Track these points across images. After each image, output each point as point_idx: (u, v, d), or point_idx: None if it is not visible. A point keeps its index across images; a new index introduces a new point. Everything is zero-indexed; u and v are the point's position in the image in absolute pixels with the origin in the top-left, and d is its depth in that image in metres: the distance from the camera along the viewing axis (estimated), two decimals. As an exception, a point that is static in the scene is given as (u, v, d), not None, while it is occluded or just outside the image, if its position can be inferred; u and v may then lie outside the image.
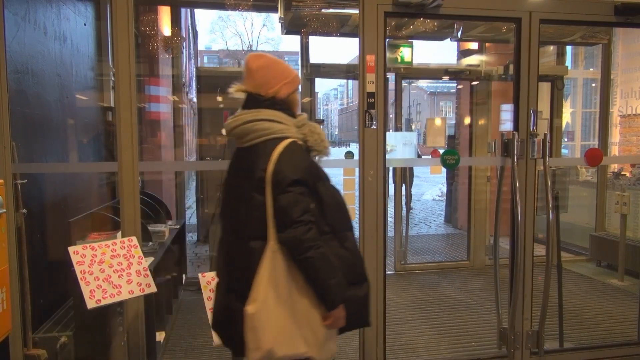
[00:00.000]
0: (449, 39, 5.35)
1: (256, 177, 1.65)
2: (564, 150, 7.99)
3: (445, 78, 6.23)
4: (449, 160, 2.99)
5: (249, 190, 1.67)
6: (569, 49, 7.25)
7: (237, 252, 1.71)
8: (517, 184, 2.85)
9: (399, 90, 5.63)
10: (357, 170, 2.84)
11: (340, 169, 3.08)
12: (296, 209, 1.60)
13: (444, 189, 10.01)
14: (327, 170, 1.82)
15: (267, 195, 1.64)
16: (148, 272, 2.25)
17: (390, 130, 5.63)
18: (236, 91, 1.81)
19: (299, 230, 1.59)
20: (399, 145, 5.37)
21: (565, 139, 8.31)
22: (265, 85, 1.76)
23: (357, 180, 2.91)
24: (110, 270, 2.15)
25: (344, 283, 1.68)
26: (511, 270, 3.01)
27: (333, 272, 1.64)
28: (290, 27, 4.79)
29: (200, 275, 2.22)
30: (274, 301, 1.62)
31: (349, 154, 5.01)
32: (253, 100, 1.76)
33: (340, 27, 4.78)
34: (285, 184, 1.61)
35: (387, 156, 2.82)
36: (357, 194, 2.95)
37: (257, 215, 1.65)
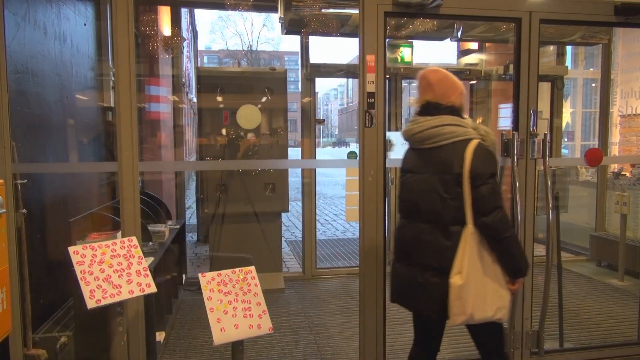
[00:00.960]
0: (449, 39, 5.35)
1: (454, 172, 1.98)
2: (564, 150, 7.99)
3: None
4: None
5: (447, 184, 2.00)
6: (569, 49, 7.25)
7: (435, 236, 2.04)
8: (517, 184, 2.85)
9: (398, 90, 5.63)
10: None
11: (339, 169, 3.09)
12: (496, 196, 1.98)
13: (444, 189, 10.01)
14: (328, 171, 1.85)
15: (465, 187, 1.97)
16: (148, 272, 2.24)
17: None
18: (420, 103, 2.13)
19: (500, 214, 1.97)
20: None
21: (565, 139, 8.32)
22: (443, 95, 2.08)
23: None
24: (110, 270, 2.15)
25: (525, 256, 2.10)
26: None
27: (520, 247, 2.09)
28: (290, 27, 4.78)
29: (200, 275, 2.21)
30: (474, 274, 1.98)
31: (352, 154, 5.02)
32: (433, 108, 2.08)
33: (340, 27, 4.77)
34: (486, 177, 1.97)
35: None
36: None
37: (456, 205, 1.99)
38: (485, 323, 2.07)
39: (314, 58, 5.12)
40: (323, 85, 62.44)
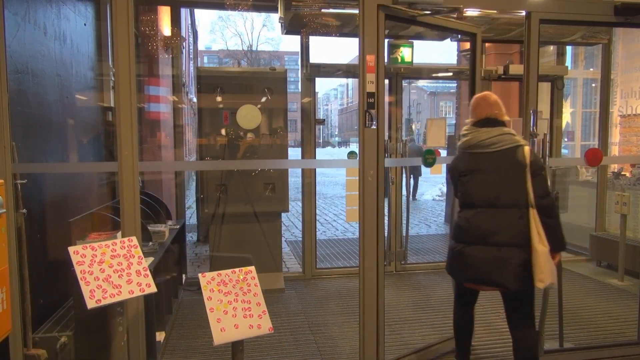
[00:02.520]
0: (449, 39, 5.35)
1: (524, 167, 2.55)
2: (564, 150, 7.99)
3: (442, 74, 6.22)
4: (429, 159, 3.38)
5: (519, 177, 2.56)
6: (569, 49, 7.24)
7: (513, 218, 2.54)
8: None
9: (398, 89, 5.63)
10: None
11: (339, 169, 3.12)
12: (547, 184, 2.61)
13: (444, 189, 10.01)
14: (328, 170, 1.84)
15: (528, 178, 2.55)
16: (148, 272, 2.24)
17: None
18: (483, 117, 2.69)
19: (552, 198, 2.59)
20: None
21: (565, 139, 8.31)
22: (500, 113, 2.70)
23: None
24: (110, 270, 2.15)
25: None
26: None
27: (561, 226, 2.61)
28: (290, 27, 4.78)
29: (200, 275, 2.21)
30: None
31: (352, 154, 5.02)
32: (494, 122, 2.68)
33: (340, 28, 4.77)
34: (541, 169, 2.60)
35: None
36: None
37: (525, 192, 2.54)
38: (531, 293, 2.60)
39: (314, 58, 5.13)
40: (323, 85, 62.45)
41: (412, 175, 9.50)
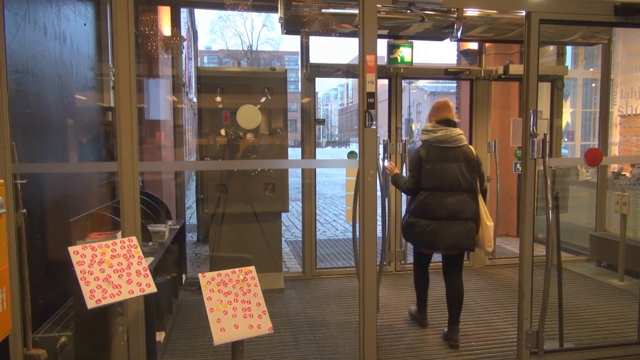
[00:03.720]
0: (448, 39, 5.34)
1: (475, 161, 3.42)
2: (564, 150, 7.98)
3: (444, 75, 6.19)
4: None
5: (472, 168, 3.38)
6: (569, 49, 7.23)
7: (470, 199, 3.37)
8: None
9: (398, 90, 5.62)
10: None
11: (337, 169, 3.14)
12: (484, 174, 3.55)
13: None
14: (328, 170, 1.84)
15: (476, 169, 3.42)
16: (148, 272, 2.24)
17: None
18: (445, 118, 3.42)
19: (487, 184, 3.44)
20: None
21: (565, 139, 8.30)
22: (453, 116, 3.45)
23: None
24: (110, 270, 2.15)
25: None
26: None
27: None
28: (290, 27, 4.77)
29: (200, 275, 2.21)
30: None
31: (352, 154, 5.01)
32: (452, 123, 3.42)
33: (340, 27, 4.76)
34: (480, 163, 3.48)
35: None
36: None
37: (475, 179, 3.40)
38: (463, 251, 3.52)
39: (314, 58, 5.12)
40: (323, 85, 62.43)
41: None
